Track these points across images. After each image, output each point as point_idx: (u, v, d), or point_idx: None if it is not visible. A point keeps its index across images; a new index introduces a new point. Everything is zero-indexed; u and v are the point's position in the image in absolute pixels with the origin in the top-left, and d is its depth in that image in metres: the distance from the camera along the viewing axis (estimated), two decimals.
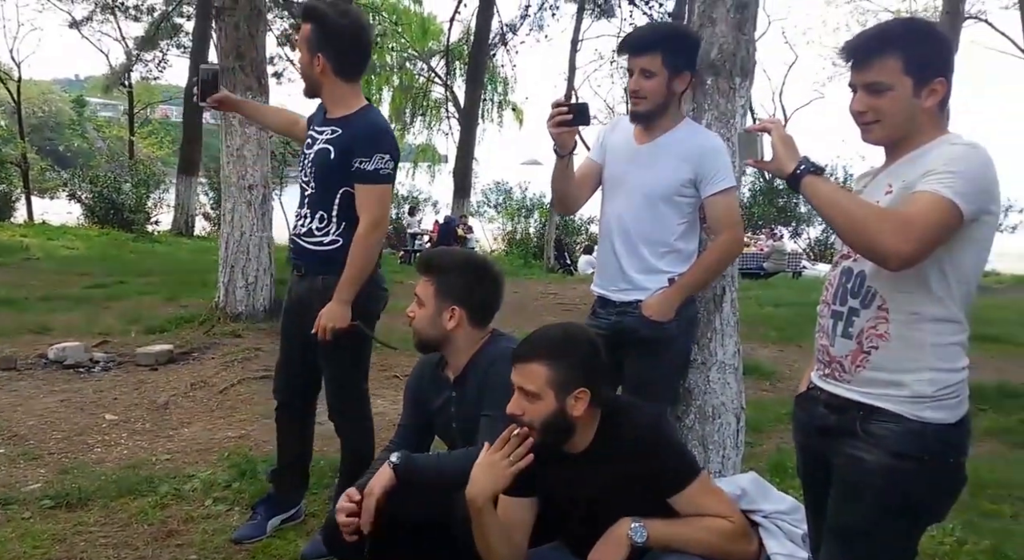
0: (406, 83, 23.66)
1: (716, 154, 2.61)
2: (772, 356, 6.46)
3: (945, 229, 1.63)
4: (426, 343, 2.38)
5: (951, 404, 1.75)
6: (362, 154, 2.66)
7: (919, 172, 1.69)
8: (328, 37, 2.67)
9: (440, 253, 2.56)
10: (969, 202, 1.62)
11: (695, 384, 2.99)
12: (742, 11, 2.77)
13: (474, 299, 2.34)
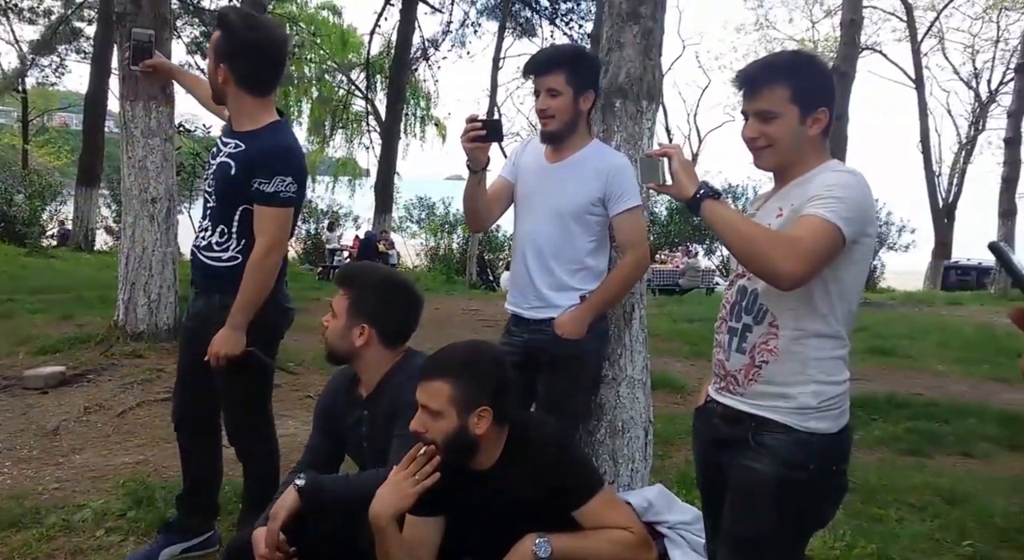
0: (325, 95, 23.30)
1: (624, 174, 2.68)
2: (684, 370, 6.63)
3: (831, 251, 1.73)
4: (334, 355, 2.33)
5: (834, 415, 1.85)
6: (262, 175, 2.54)
7: (805, 197, 1.79)
8: (233, 48, 2.57)
9: (361, 268, 2.52)
10: (850, 226, 1.73)
11: (606, 399, 3.06)
12: (648, 37, 2.88)
13: (387, 320, 2.30)
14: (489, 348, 2.13)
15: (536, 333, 2.74)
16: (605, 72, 2.91)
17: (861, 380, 6.20)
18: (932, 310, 13.18)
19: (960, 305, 14.13)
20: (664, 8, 2.93)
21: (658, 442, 4.25)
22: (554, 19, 16.26)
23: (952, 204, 24.13)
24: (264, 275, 2.57)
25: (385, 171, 16.32)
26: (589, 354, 2.77)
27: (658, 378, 5.94)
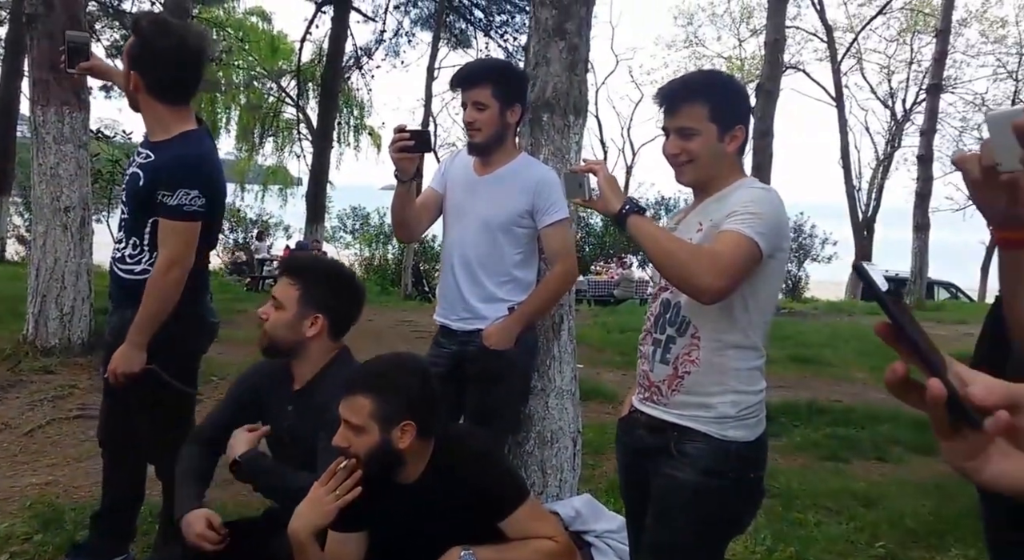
0: (255, 102, 22.85)
1: (551, 186, 2.71)
2: (616, 380, 6.71)
3: (749, 265, 1.79)
4: (277, 348, 2.27)
5: (751, 423, 1.91)
6: (166, 187, 2.45)
7: (724, 212, 1.85)
8: (145, 54, 2.48)
9: (310, 258, 2.47)
10: (767, 240, 1.79)
11: (535, 410, 3.08)
12: (574, 53, 2.93)
13: (338, 310, 2.27)
14: (413, 361, 2.12)
15: (464, 344, 2.75)
16: (532, 86, 2.95)
17: (784, 388, 6.38)
18: (852, 319, 13.66)
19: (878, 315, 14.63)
20: (589, 26, 2.99)
21: (589, 451, 4.29)
22: (488, 31, 16.34)
23: (871, 217, 25.11)
24: (164, 292, 2.48)
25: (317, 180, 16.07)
26: (517, 365, 2.79)
27: (590, 388, 6.01)
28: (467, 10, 16.70)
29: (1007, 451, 0.63)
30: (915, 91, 24.69)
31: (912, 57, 24.77)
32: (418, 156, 2.61)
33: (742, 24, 25.60)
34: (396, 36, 17.59)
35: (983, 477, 0.63)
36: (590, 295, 17.33)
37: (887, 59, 25.61)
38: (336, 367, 2.26)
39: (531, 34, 3.04)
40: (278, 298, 2.25)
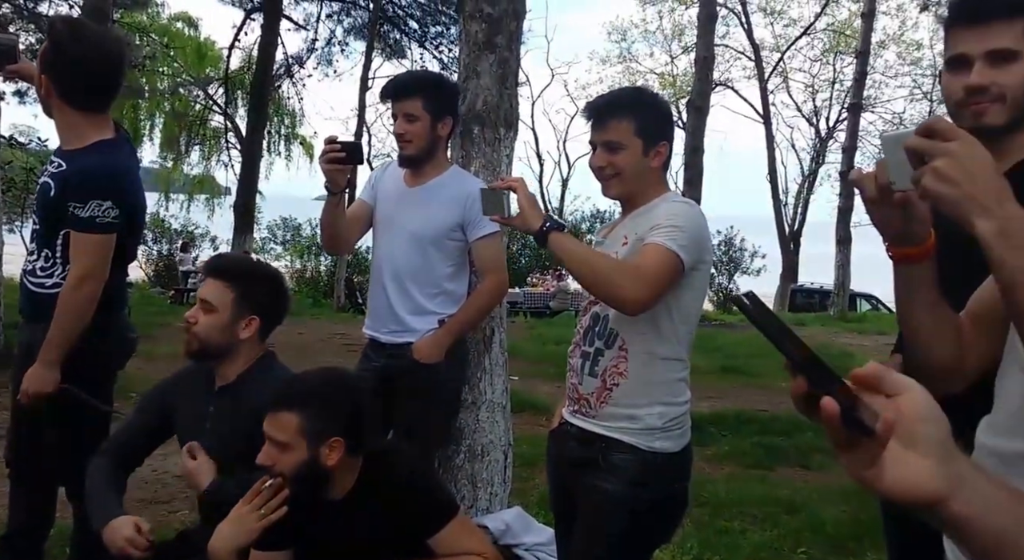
0: (180, 110, 22.25)
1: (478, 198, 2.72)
2: (550, 392, 6.74)
3: (671, 277, 1.83)
4: (208, 352, 2.18)
5: (676, 434, 1.94)
6: (76, 198, 2.33)
7: (648, 226, 1.89)
8: (58, 59, 2.38)
9: (240, 259, 2.42)
10: (689, 253, 1.84)
11: (465, 423, 3.06)
12: (504, 66, 2.94)
13: (272, 311, 2.23)
14: (343, 376, 2.09)
15: (393, 358, 2.72)
16: (463, 99, 2.95)
17: (714, 398, 6.52)
18: None
19: (804, 326, 15.14)
20: (519, 40, 3.01)
21: (521, 464, 4.29)
22: (423, 42, 16.31)
23: (797, 231, 25.94)
24: (77, 307, 2.36)
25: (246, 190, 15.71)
26: (447, 379, 2.77)
27: (524, 400, 6.02)
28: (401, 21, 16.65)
29: (901, 457, 0.64)
30: (838, 110, 25.69)
31: (835, 77, 25.80)
32: (349, 168, 2.59)
33: (674, 41, 26.25)
34: (328, 45, 17.40)
35: (882, 484, 0.65)
36: (526, 307, 17.40)
37: (811, 78, 26.61)
38: (262, 368, 2.22)
39: (461, 47, 3.05)
40: (210, 300, 2.17)
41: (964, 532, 0.67)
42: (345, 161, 2.51)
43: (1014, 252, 0.94)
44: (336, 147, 2.49)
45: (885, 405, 0.65)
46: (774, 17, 25.20)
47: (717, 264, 22.45)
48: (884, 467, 0.64)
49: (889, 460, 0.64)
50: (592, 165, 2.01)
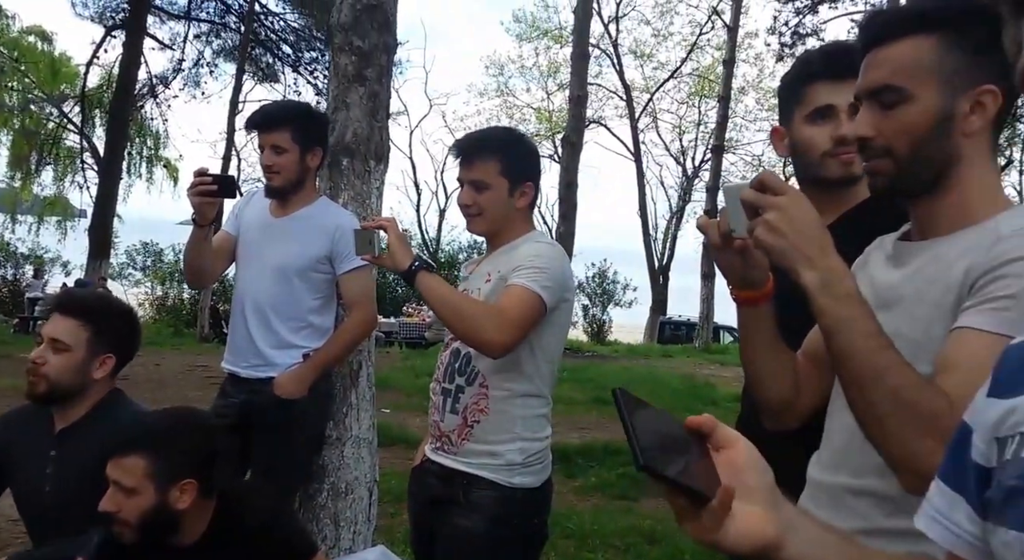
0: (31, 127, 20.81)
1: (351, 232, 2.67)
2: (423, 425, 6.60)
3: (534, 318, 1.88)
4: (56, 394, 2.02)
5: (536, 470, 1.97)
6: None
7: (511, 266, 1.93)
8: None
9: (93, 295, 2.31)
10: (551, 294, 1.89)
11: (329, 460, 2.98)
12: (374, 99, 2.93)
13: (127, 347, 2.13)
14: (194, 415, 1.99)
15: (254, 393, 2.62)
16: (332, 130, 2.92)
17: (584, 429, 6.66)
18: (648, 362, 14.55)
19: (671, 357, 15.77)
20: (391, 74, 3.01)
21: (390, 500, 4.22)
22: (297, 67, 16.03)
23: (666, 265, 27.05)
24: None
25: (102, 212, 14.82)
26: (311, 415, 2.70)
27: (395, 434, 5.94)
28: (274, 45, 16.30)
29: (737, 510, 0.68)
30: (702, 150, 27.10)
31: (700, 119, 27.27)
32: (219, 201, 2.52)
33: (549, 78, 27.00)
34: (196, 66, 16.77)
35: (726, 541, 0.68)
36: (401, 337, 17.21)
37: (678, 120, 28.01)
38: (110, 407, 2.09)
39: (331, 78, 3.02)
40: (62, 339, 2.02)
41: None
42: (217, 194, 2.45)
43: (833, 301, 1.01)
44: (207, 180, 2.42)
45: (715, 458, 0.69)
46: (644, 60, 26.47)
47: (591, 296, 23.09)
48: (727, 527, 0.68)
49: (732, 520, 0.68)
50: (459, 202, 2.04)
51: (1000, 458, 0.66)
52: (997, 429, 0.67)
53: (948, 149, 1.08)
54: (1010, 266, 0.98)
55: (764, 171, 1.12)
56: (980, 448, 0.69)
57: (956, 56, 1.07)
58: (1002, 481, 0.64)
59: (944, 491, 0.73)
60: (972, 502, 0.69)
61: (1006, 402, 0.68)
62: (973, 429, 0.71)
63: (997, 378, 0.71)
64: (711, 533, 0.68)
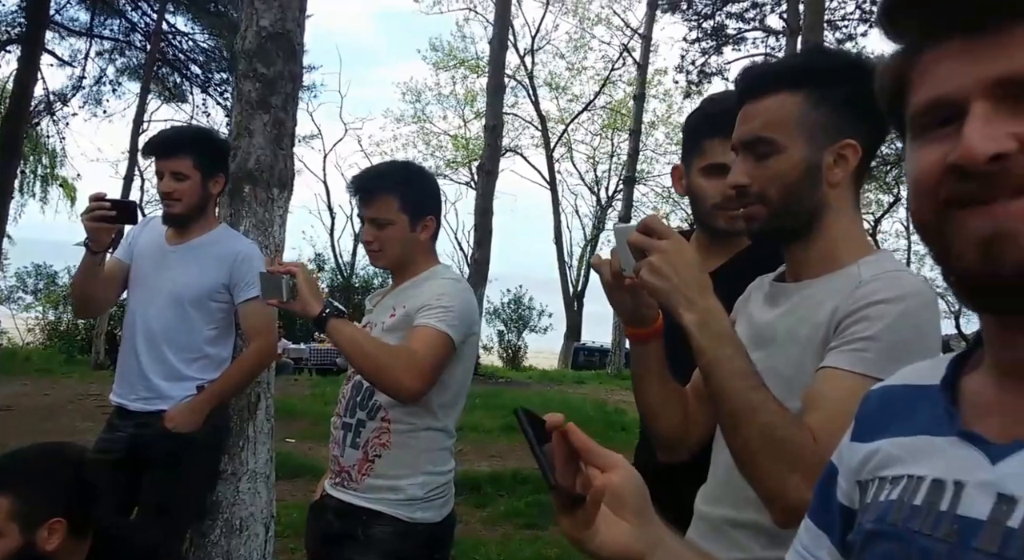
0: None
1: (251, 261, 2.61)
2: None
3: (445, 359, 1.88)
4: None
5: (438, 504, 1.95)
6: None
7: (417, 304, 1.92)
8: None
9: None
10: (459, 331, 1.90)
11: (223, 496, 2.88)
12: (279, 127, 2.89)
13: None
14: (65, 450, 1.89)
15: (143, 427, 2.51)
16: (234, 157, 2.86)
17: (496, 457, 6.64)
18: (561, 388, 14.67)
19: (584, 383, 15.94)
20: (296, 101, 2.98)
21: (291, 534, 4.10)
22: (207, 88, 15.61)
23: (581, 292, 27.43)
24: None
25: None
26: (204, 449, 2.60)
27: (300, 464, 5.78)
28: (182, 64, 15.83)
29: (610, 521, 0.73)
30: (615, 181, 27.75)
31: (612, 151, 27.95)
32: (116, 227, 2.44)
33: (466, 107, 27.18)
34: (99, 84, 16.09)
35: (593, 544, 0.73)
36: (312, 364, 16.83)
37: (592, 150, 28.62)
38: None
39: (233, 104, 2.96)
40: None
41: None
42: (115, 220, 2.37)
43: (710, 341, 1.05)
44: (105, 205, 2.33)
45: (596, 476, 0.74)
46: (558, 92, 26.98)
47: (507, 321, 23.20)
48: (597, 530, 0.72)
49: (600, 524, 0.72)
50: (362, 240, 2.04)
51: (862, 501, 0.70)
52: (858, 472, 0.71)
53: (816, 197, 1.15)
54: (869, 309, 1.04)
55: (649, 216, 1.16)
56: (844, 489, 0.73)
57: (821, 111, 1.14)
58: (862, 524, 0.67)
59: (810, 528, 0.76)
60: (835, 541, 0.72)
61: (866, 446, 0.71)
62: (838, 470, 0.74)
63: (859, 422, 0.74)
64: (580, 531, 0.73)
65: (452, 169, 26.54)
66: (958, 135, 0.57)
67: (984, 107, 0.56)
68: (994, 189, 0.56)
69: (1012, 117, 0.56)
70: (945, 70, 0.59)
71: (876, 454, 0.69)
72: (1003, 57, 0.56)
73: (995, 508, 0.55)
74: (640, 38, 19.99)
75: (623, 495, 0.73)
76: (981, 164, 0.55)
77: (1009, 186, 0.55)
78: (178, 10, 15.10)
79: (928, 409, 0.66)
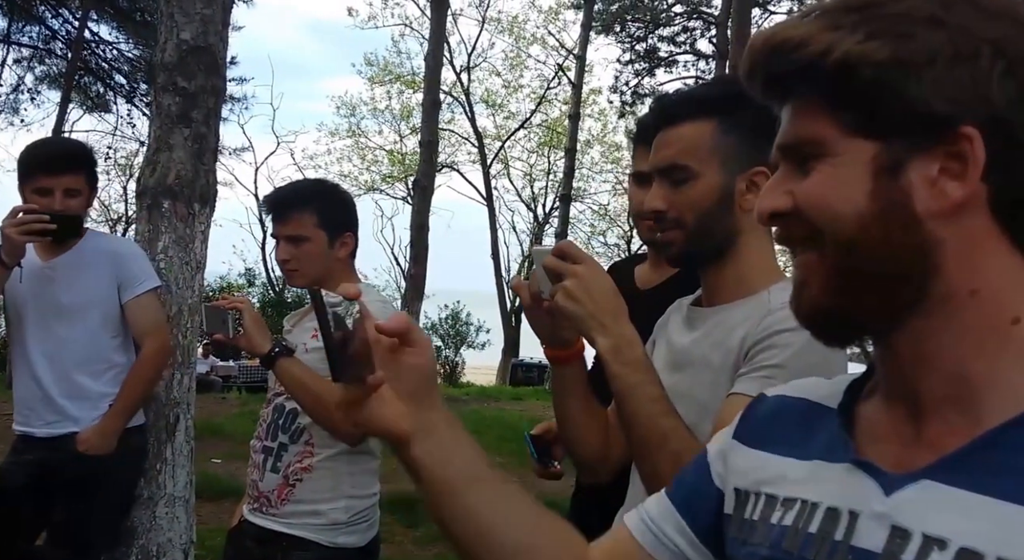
0: None
1: (133, 257, 2.54)
2: None
3: None
4: None
5: (362, 528, 1.92)
6: None
7: None
8: None
9: None
10: None
11: (139, 522, 2.78)
12: (201, 142, 2.83)
13: None
14: None
15: (52, 451, 2.40)
16: (152, 171, 2.79)
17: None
18: (498, 404, 14.60)
19: (522, 400, 15.91)
20: (219, 116, 2.92)
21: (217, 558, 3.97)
22: (132, 98, 15.13)
23: (519, 308, 27.44)
24: None
25: None
26: (118, 472, 2.51)
27: (226, 486, 5.60)
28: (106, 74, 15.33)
29: (388, 400, 0.74)
30: (552, 198, 27.96)
31: (549, 168, 28.14)
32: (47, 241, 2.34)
33: (402, 122, 27.06)
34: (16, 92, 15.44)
35: (360, 420, 0.74)
36: (241, 381, 16.39)
37: (529, 168, 28.78)
38: None
39: (152, 118, 2.88)
40: None
41: (417, 475, 0.76)
42: (55, 234, 2.28)
43: (623, 367, 1.07)
44: (45, 218, 2.23)
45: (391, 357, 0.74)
46: (495, 109, 27.12)
47: (444, 337, 23.04)
48: (368, 407, 0.73)
49: (373, 402, 0.73)
50: (276, 258, 1.99)
51: (740, 512, 0.69)
52: (740, 477, 0.71)
53: (730, 223, 1.18)
54: (777, 337, 1.07)
55: (563, 241, 1.18)
56: (720, 473, 0.74)
57: (732, 138, 1.17)
58: (752, 546, 0.66)
59: (663, 502, 0.77)
60: (692, 524, 0.74)
61: (752, 451, 0.71)
62: (708, 458, 0.76)
63: (747, 424, 0.74)
64: (355, 413, 0.74)
65: (388, 184, 26.34)
66: None
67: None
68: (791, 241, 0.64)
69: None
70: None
71: (764, 467, 0.69)
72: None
73: (889, 540, 0.55)
74: (575, 58, 20.27)
75: (404, 377, 0.74)
76: (765, 220, 0.64)
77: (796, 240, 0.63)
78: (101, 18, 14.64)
79: (824, 432, 0.66)
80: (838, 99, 0.59)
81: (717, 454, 0.75)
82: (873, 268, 0.59)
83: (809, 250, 0.62)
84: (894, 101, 0.57)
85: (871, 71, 0.57)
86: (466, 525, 0.75)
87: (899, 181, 0.58)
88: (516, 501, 0.78)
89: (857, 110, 0.59)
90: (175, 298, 2.80)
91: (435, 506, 0.76)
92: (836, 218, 0.59)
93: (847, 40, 0.57)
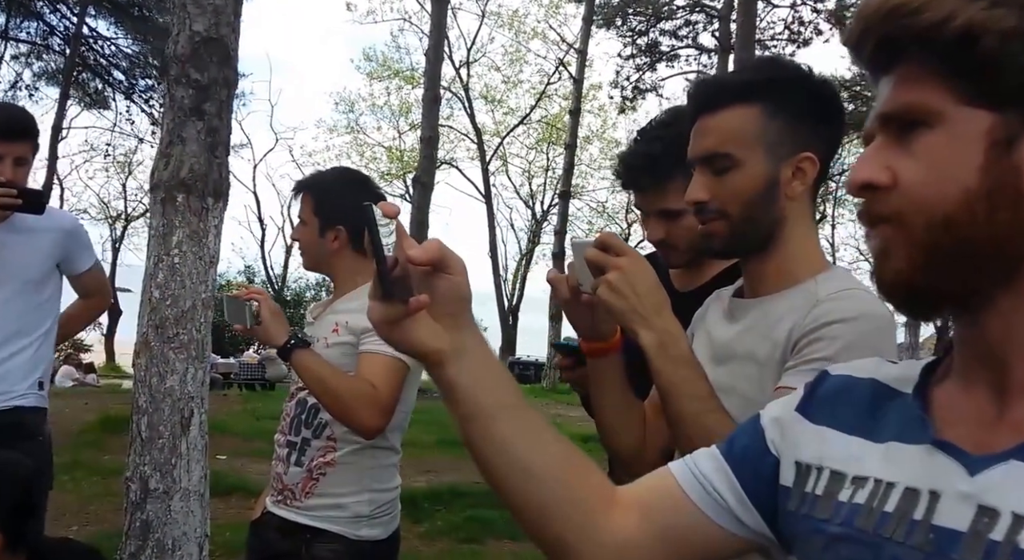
0: None
1: (80, 232, 2.55)
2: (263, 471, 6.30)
3: (402, 385, 1.84)
4: None
5: (385, 521, 1.92)
6: None
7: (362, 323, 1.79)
8: None
9: None
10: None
11: (154, 516, 2.77)
12: (214, 135, 2.81)
13: None
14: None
15: None
16: (166, 165, 2.77)
17: (431, 472, 6.56)
18: None
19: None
20: (231, 109, 2.90)
21: (224, 553, 3.99)
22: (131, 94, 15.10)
23: (516, 306, 27.47)
24: None
25: None
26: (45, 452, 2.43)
27: (233, 482, 5.62)
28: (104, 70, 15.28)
29: (423, 321, 0.74)
30: (551, 195, 27.92)
31: (548, 165, 28.14)
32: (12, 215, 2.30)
33: (401, 118, 27.02)
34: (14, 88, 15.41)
35: (395, 338, 0.75)
36: (241, 378, 16.40)
37: (528, 164, 28.76)
38: None
39: (166, 111, 2.87)
40: None
41: (449, 395, 0.76)
42: (22, 209, 2.25)
43: (668, 363, 1.05)
44: (12, 192, 2.21)
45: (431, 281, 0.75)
46: (494, 105, 27.07)
47: None
48: (403, 327, 0.74)
49: (411, 321, 0.74)
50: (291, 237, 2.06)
51: (800, 485, 0.69)
52: (799, 449, 0.70)
53: (775, 211, 1.14)
54: (825, 329, 1.04)
55: (605, 232, 1.15)
56: (775, 441, 0.73)
57: (778, 124, 1.13)
58: (818, 521, 0.65)
59: (716, 458, 0.75)
60: (746, 486, 0.72)
61: (813, 426, 0.70)
62: (764, 424, 0.74)
63: (810, 398, 0.73)
64: (389, 326, 0.74)
65: (387, 181, 26.31)
66: None
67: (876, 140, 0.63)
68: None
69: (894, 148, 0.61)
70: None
71: (829, 443, 0.68)
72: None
73: (976, 520, 0.55)
74: (576, 53, 20.23)
75: (440, 299, 0.74)
76: (855, 190, 0.62)
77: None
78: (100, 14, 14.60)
79: (895, 413, 0.66)
80: (957, 67, 0.57)
81: (772, 422, 0.74)
82: (969, 247, 0.57)
83: (891, 225, 0.60)
84: (1018, 72, 0.56)
85: (995, 39, 0.55)
86: (498, 452, 0.75)
87: (1011, 157, 0.57)
88: (546, 432, 0.78)
89: (978, 79, 0.57)
90: (189, 293, 2.80)
91: (467, 431, 0.76)
92: (941, 198, 0.58)
93: (971, 7, 0.56)
